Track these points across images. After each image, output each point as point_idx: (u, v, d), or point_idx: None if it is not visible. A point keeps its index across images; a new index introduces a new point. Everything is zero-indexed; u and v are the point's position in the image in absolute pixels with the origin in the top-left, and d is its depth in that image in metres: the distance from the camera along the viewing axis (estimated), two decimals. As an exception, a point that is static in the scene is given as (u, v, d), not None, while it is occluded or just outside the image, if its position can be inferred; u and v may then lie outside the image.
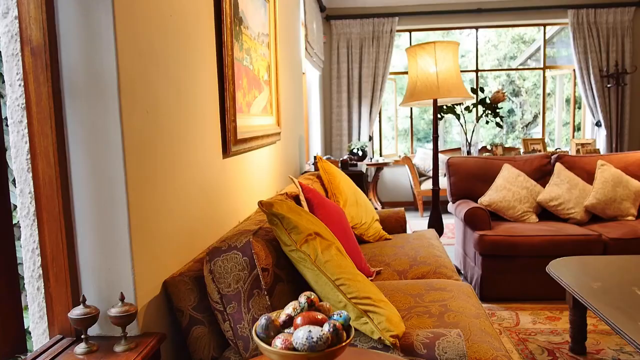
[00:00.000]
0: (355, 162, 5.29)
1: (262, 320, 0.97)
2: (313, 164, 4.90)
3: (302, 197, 2.46)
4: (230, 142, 2.17)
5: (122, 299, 1.28)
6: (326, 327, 0.93)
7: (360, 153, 5.92)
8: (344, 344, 0.93)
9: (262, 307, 1.44)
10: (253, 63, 2.69)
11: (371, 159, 6.71)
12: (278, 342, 0.93)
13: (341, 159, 4.68)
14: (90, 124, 1.29)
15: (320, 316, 0.98)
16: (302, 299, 1.03)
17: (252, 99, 2.66)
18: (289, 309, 1.03)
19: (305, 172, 4.44)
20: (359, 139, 6.92)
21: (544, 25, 6.99)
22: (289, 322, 1.00)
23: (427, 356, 1.40)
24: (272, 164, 3.24)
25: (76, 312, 1.23)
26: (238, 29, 2.35)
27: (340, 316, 0.99)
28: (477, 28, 7.09)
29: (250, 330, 1.43)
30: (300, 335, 0.90)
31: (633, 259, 2.61)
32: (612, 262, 2.58)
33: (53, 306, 1.33)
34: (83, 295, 1.26)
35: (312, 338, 0.89)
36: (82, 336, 1.26)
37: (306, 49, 4.93)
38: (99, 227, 1.32)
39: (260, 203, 1.53)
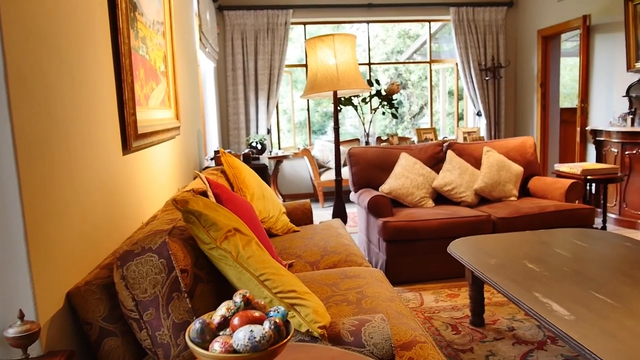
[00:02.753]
0: (257, 156, 5.23)
1: (197, 325, 0.91)
2: (212, 159, 4.75)
3: (210, 193, 2.36)
4: (131, 137, 2.02)
5: (21, 316, 1.13)
6: (267, 325, 0.89)
7: (259, 146, 5.86)
8: (286, 340, 0.90)
9: (182, 311, 1.35)
10: (149, 53, 2.52)
11: (270, 152, 6.67)
12: (216, 345, 0.87)
13: (243, 152, 4.58)
14: (-30, 119, 1.12)
15: (257, 314, 0.93)
16: (238, 298, 0.97)
17: (149, 91, 2.50)
18: (222, 310, 0.97)
19: (206, 167, 4.29)
20: (257, 133, 6.84)
21: (429, 21, 7.42)
22: (225, 323, 0.95)
23: (354, 343, 1.41)
24: (172, 160, 3.08)
25: (-36, 337, 1.06)
26: (133, 15, 2.18)
27: (278, 312, 0.95)
28: (368, 22, 7.32)
29: (170, 336, 1.34)
30: (241, 336, 0.85)
31: (520, 236, 2.87)
32: (503, 239, 2.81)
33: None
34: (-28, 317, 1.09)
35: (255, 338, 0.84)
36: (-27, 364, 1.10)
37: (200, 39, 4.75)
38: (-13, 237, 1.15)
39: (175, 201, 1.44)
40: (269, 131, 6.92)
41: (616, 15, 5.36)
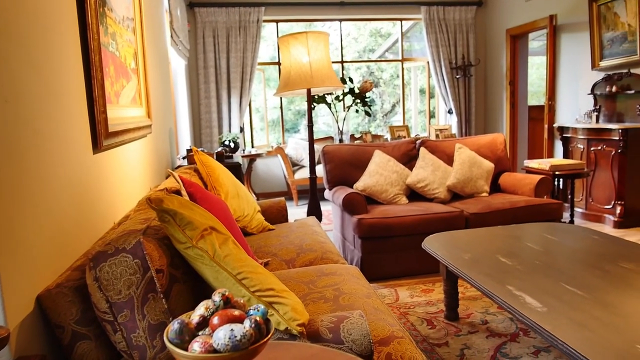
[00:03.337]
0: (230, 154, 5.18)
1: (175, 325, 0.89)
2: (184, 157, 4.69)
3: (183, 192, 2.32)
4: (102, 135, 1.97)
5: (-11, 321, 1.09)
6: (247, 324, 0.88)
7: (232, 145, 5.80)
8: (266, 338, 0.89)
9: (158, 312, 1.33)
10: (119, 49, 2.46)
11: (244, 150, 6.62)
12: (196, 346, 0.86)
13: (216, 151, 4.54)
14: None
15: (237, 313, 0.92)
16: (217, 297, 0.96)
17: (120, 88, 2.44)
18: (200, 310, 0.95)
19: (179, 166, 4.23)
20: (229, 131, 6.78)
21: (401, 20, 7.48)
22: (204, 323, 0.93)
23: (333, 340, 1.41)
24: (144, 159, 3.03)
25: None
26: (102, 10, 2.13)
27: (258, 310, 0.94)
28: (340, 21, 7.34)
29: (146, 338, 1.31)
30: (222, 335, 0.84)
31: (492, 230, 2.92)
32: (476, 234, 2.85)
33: None
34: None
35: (236, 337, 0.83)
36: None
37: (172, 36, 4.68)
38: (-49, 240, 1.10)
39: (149, 199, 1.41)
40: (241, 129, 6.86)
41: (581, 16, 5.51)
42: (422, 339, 2.57)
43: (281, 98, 7.28)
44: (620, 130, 4.61)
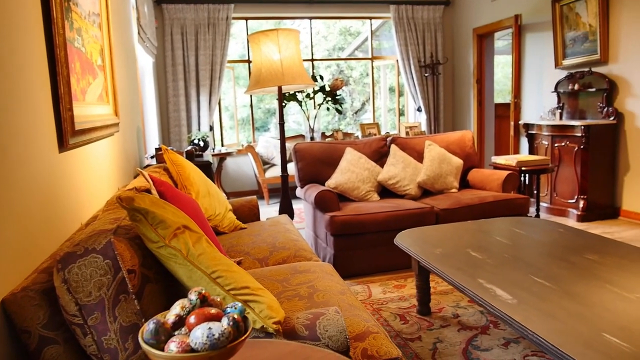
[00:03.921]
0: (200, 153, 5.11)
1: (150, 325, 0.87)
2: (152, 156, 4.60)
3: (154, 191, 2.28)
4: (68, 133, 1.91)
5: (-49, 327, 1.04)
6: (225, 322, 0.87)
7: (201, 144, 5.72)
8: (245, 336, 0.88)
9: (130, 313, 1.30)
10: (85, 45, 2.40)
11: (213, 149, 6.55)
12: (173, 346, 0.84)
13: (186, 149, 4.47)
14: None
15: (214, 311, 0.91)
16: (193, 295, 0.94)
17: (86, 85, 2.38)
18: (176, 309, 0.93)
19: (147, 165, 4.14)
20: (199, 130, 6.69)
21: (370, 18, 7.53)
22: (180, 322, 0.91)
23: (309, 337, 1.41)
24: (112, 158, 2.95)
25: None
26: (67, 5, 2.06)
27: (236, 308, 0.93)
28: (310, 19, 7.33)
29: (118, 340, 1.28)
30: (199, 334, 0.82)
31: (462, 226, 2.97)
32: (447, 229, 2.90)
33: None
34: None
35: (214, 335, 0.82)
36: None
37: (139, 33, 4.58)
38: None
39: (119, 198, 1.37)
40: (211, 128, 6.78)
41: (545, 16, 5.66)
42: (395, 334, 2.59)
43: (251, 96, 7.22)
44: (582, 127, 4.76)
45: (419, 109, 7.42)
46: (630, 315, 1.61)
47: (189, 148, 4.50)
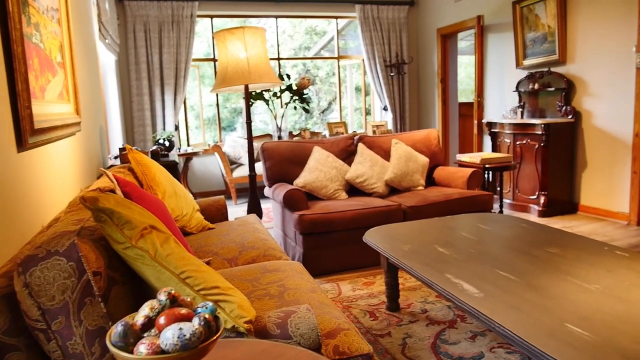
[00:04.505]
0: (166, 153, 5.02)
1: (119, 327, 0.84)
2: (116, 157, 4.49)
3: (118, 192, 2.22)
4: (27, 132, 1.84)
5: None
6: (196, 322, 0.85)
7: (167, 143, 5.62)
8: (216, 336, 0.87)
9: (96, 317, 1.26)
10: (44, 41, 2.32)
11: (179, 149, 6.44)
12: (142, 348, 0.82)
13: (151, 149, 4.38)
14: None
15: (184, 311, 0.89)
16: (162, 296, 0.92)
17: (45, 82, 2.30)
18: (145, 310, 0.91)
19: (111, 166, 4.04)
20: (164, 129, 6.57)
21: (336, 17, 7.56)
22: (149, 324, 0.89)
23: (281, 335, 1.40)
24: (74, 158, 2.87)
25: None
26: (24, -1, 1.99)
27: (207, 308, 0.92)
28: (276, 17, 7.30)
29: (84, 345, 1.24)
30: (170, 335, 0.81)
31: (429, 222, 3.02)
32: (414, 226, 2.94)
33: None
34: None
35: (185, 336, 0.80)
36: None
37: (100, 30, 4.46)
38: None
39: (83, 199, 1.33)
40: (176, 128, 6.67)
41: (506, 16, 5.81)
42: (365, 331, 2.61)
43: (217, 95, 7.14)
44: (542, 125, 4.91)
45: (385, 108, 7.49)
46: (591, 306, 1.66)
47: (154, 148, 4.42)
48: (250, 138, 4.06)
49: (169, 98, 6.49)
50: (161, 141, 5.57)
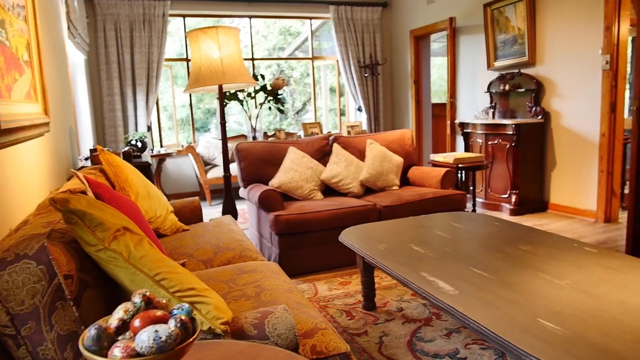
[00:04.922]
0: (138, 154, 4.94)
1: (92, 331, 0.82)
2: (87, 158, 4.40)
3: (90, 193, 2.18)
4: (-7, 133, 1.79)
5: None
6: (172, 323, 0.84)
7: (139, 144, 5.53)
8: (193, 337, 0.86)
9: (68, 321, 1.23)
10: (10, 39, 2.25)
11: (152, 150, 6.35)
12: (117, 351, 0.80)
13: (123, 150, 4.30)
14: None
15: (160, 313, 0.87)
16: (137, 298, 0.90)
17: (12, 81, 2.23)
18: (119, 313, 0.89)
19: (81, 167, 3.95)
20: (136, 130, 6.46)
21: (310, 18, 7.56)
22: (124, 327, 0.87)
23: (258, 336, 1.39)
24: (42, 160, 2.79)
25: None
26: (-11, -5, 1.93)
27: (182, 309, 0.90)
28: (250, 17, 7.26)
29: (55, 350, 1.21)
30: (145, 337, 0.79)
31: (404, 221, 3.04)
32: (390, 225, 2.96)
33: None
34: None
35: (161, 338, 0.79)
36: None
37: (69, 28, 4.36)
38: None
39: (53, 200, 1.30)
40: (149, 128, 6.57)
41: (477, 19, 5.91)
42: (342, 330, 2.62)
43: (190, 96, 7.06)
44: (513, 126, 5.01)
45: (359, 109, 7.53)
46: (562, 301, 1.71)
47: (126, 149, 4.34)
48: (224, 138, 4.02)
49: (141, 98, 6.39)
50: (133, 142, 5.47)
